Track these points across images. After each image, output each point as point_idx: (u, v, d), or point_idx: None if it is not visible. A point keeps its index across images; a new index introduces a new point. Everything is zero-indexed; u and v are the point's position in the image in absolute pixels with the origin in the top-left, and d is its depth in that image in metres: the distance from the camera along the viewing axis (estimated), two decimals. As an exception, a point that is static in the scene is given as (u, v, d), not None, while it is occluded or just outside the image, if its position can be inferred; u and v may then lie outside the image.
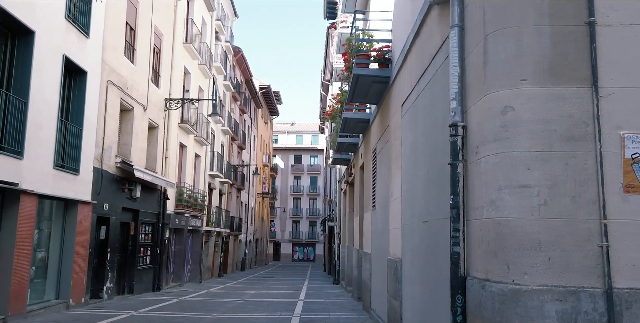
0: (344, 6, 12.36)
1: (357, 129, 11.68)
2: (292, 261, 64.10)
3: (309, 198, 67.12)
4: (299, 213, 66.49)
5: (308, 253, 66.96)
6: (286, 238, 66.50)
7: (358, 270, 13.27)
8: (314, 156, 68.47)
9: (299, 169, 67.43)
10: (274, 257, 63.73)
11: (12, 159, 8.48)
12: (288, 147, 68.37)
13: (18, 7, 8.54)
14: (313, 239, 65.84)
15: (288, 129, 71.78)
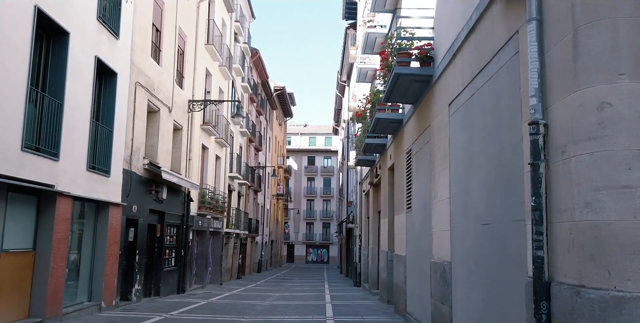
0: (373, 5, 12.18)
1: (388, 129, 11.51)
2: (305, 263, 63.91)
3: (323, 200, 66.93)
4: (312, 215, 66.33)
5: (322, 255, 66.74)
6: (300, 240, 66.36)
7: (388, 272, 13.08)
8: (327, 158, 68.31)
9: (312, 170, 67.29)
10: (287, 259, 63.60)
11: (48, 160, 8.44)
12: (301, 148, 68.25)
13: (54, 8, 8.51)
14: (327, 241, 65.62)
15: (301, 130, 71.68)
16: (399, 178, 11.20)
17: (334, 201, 65.39)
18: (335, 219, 65.51)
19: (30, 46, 7.85)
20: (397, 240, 11.36)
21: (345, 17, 27.09)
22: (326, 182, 67.07)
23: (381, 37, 14.09)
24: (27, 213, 8.39)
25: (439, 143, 7.21)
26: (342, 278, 31.82)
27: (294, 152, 65.40)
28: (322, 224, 66.34)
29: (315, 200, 66.74)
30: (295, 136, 69.67)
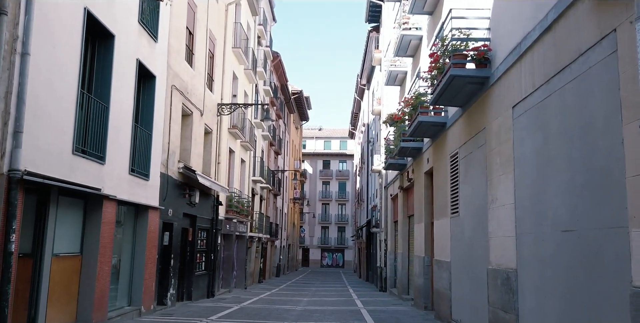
0: (412, 7, 12.03)
1: (428, 133, 11.32)
2: (320, 267, 63.62)
3: (338, 204, 66.68)
4: (327, 219, 66.09)
5: (337, 259, 66.41)
6: (315, 244, 66.13)
7: (425, 278, 12.84)
8: (342, 162, 68.09)
9: (327, 174, 67.10)
10: (302, 263, 63.35)
11: (95, 164, 8.39)
12: (316, 152, 68.10)
13: (101, 11, 8.48)
14: (342, 245, 65.31)
15: (316, 134, 71.52)
16: (440, 182, 11.00)
17: (349, 205, 65.13)
18: (350, 223, 65.27)
19: (80, 48, 7.81)
20: (438, 245, 11.14)
21: (368, 20, 26.95)
22: (341, 186, 66.84)
23: (416, 39, 13.95)
24: (75, 217, 8.34)
25: (499, 146, 7.02)
26: (362, 283, 31.55)
27: (309, 156, 65.27)
28: (337, 228, 66.07)
29: (330, 204, 66.53)
30: (310, 139, 69.53)
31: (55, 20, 7.11)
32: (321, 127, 74.11)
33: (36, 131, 6.62)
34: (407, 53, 14.92)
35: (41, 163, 6.75)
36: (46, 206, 7.32)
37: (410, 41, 14.06)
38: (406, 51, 14.74)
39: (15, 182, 6.11)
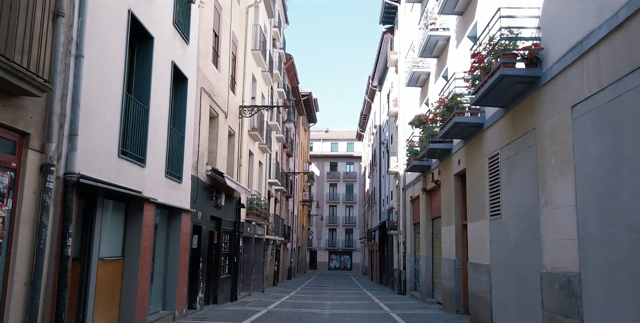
0: (442, 7, 11.93)
1: (462, 134, 11.21)
2: (328, 270, 63.44)
3: (345, 206, 66.51)
4: (335, 221, 65.90)
5: (344, 261, 66.20)
6: (322, 246, 65.93)
7: (456, 281, 12.71)
8: (349, 164, 67.94)
9: (334, 176, 66.93)
10: (310, 265, 63.16)
11: (137, 167, 8.31)
12: (323, 154, 67.95)
13: (142, 13, 8.42)
14: (350, 247, 65.13)
15: (323, 136, 71.39)
16: (476, 184, 10.88)
17: (356, 207, 64.96)
18: (358, 225, 65.06)
19: (125, 50, 7.75)
20: (474, 248, 11.02)
21: (382, 22, 26.87)
22: (348, 188, 66.67)
23: (443, 40, 13.86)
24: (118, 220, 8.26)
25: (554, 147, 6.90)
26: (376, 286, 31.39)
27: (316, 158, 65.14)
28: (345, 230, 65.88)
29: (337, 206, 66.36)
30: (316, 142, 69.43)
31: (103, 22, 7.05)
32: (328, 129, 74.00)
33: (88, 134, 6.54)
34: (433, 54, 14.83)
35: (92, 166, 6.67)
36: (93, 209, 7.24)
37: (437, 42, 13.97)
38: (432, 51, 14.65)
39: (71, 185, 6.03)
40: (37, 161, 5.55)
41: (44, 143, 5.67)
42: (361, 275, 51.91)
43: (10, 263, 5.17)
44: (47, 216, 5.54)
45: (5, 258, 5.13)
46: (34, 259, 5.46)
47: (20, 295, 5.28)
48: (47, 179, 5.57)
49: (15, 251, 5.21)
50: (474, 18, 11.24)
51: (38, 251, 5.46)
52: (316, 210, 63.65)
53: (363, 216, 56.43)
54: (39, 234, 5.49)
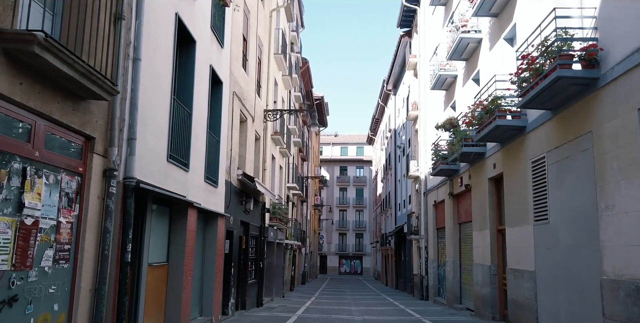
0: (477, 9, 11.80)
1: (500, 137, 11.05)
2: (339, 274, 63.15)
3: (355, 210, 66.25)
4: (345, 226, 65.63)
5: (355, 266, 65.87)
6: (332, 251, 65.66)
7: (491, 287, 12.50)
8: (359, 168, 67.75)
9: (344, 181, 66.72)
10: (320, 270, 62.87)
11: (182, 171, 8.22)
12: (333, 158, 67.78)
13: (187, 17, 8.35)
14: (360, 252, 64.85)
15: (332, 140, 71.20)
16: (516, 188, 10.70)
17: (367, 211, 64.69)
18: (368, 229, 64.74)
19: (173, 53, 7.68)
20: (514, 253, 10.82)
21: (400, 25, 26.78)
22: (359, 192, 66.45)
23: (474, 42, 13.72)
24: (163, 225, 8.15)
25: (617, 150, 6.74)
26: (394, 291, 31.15)
27: (326, 162, 64.98)
28: (355, 234, 65.60)
29: (347, 210, 66.10)
30: (326, 146, 69.30)
31: (154, 25, 6.98)
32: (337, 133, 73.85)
33: (143, 138, 6.45)
34: (462, 56, 14.69)
35: (145, 171, 6.58)
36: (143, 214, 7.14)
37: (467, 44, 13.83)
38: (461, 54, 14.51)
39: (130, 190, 5.93)
40: (100, 165, 5.46)
41: (106, 147, 5.58)
42: (373, 280, 51.61)
43: (77, 270, 5.07)
44: (110, 222, 5.43)
45: (72, 265, 5.03)
46: (99, 265, 5.35)
47: (86, 302, 5.17)
48: (110, 184, 5.48)
49: (82, 257, 5.11)
50: (511, 19, 11.10)
51: (102, 257, 5.35)
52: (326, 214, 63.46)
53: (374, 221, 56.14)
54: (103, 240, 5.39)
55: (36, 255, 4.40)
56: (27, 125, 4.32)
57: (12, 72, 3.96)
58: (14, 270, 4.12)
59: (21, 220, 4.19)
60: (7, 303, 4.03)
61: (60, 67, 4.15)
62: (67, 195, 4.89)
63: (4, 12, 3.85)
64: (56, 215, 4.71)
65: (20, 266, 4.18)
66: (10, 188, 4.06)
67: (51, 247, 4.64)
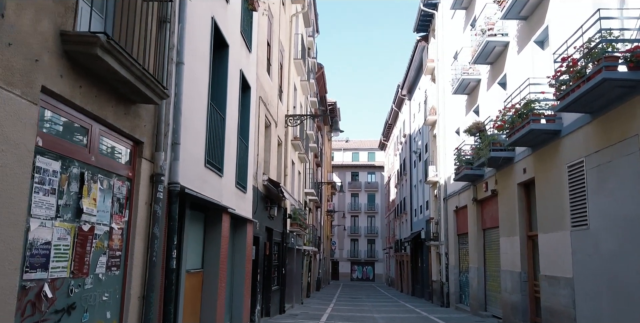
0: (506, 12, 11.67)
1: (532, 142, 10.86)
2: (350, 281, 62.74)
3: (367, 216, 65.91)
4: (357, 231, 65.28)
5: (367, 272, 65.44)
6: (344, 257, 65.31)
7: (522, 294, 12.26)
8: (371, 173, 67.48)
9: (356, 186, 66.44)
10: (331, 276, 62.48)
11: (217, 176, 8.14)
12: (344, 164, 67.59)
13: (221, 20, 8.31)
14: (372, 258, 64.45)
15: (344, 146, 71.18)
16: (549, 194, 10.48)
17: (378, 217, 64.31)
18: (380, 235, 64.32)
19: (209, 57, 7.62)
20: (548, 260, 10.60)
21: (416, 30, 26.69)
22: (370, 198, 66.13)
23: (501, 45, 13.57)
24: (199, 231, 8.06)
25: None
26: (409, 297, 30.82)
27: (337, 168, 64.79)
28: (367, 240, 65.23)
29: (359, 216, 65.76)
30: (337, 151, 69.17)
31: (193, 29, 6.92)
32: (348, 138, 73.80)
33: (185, 143, 6.37)
34: (487, 60, 14.54)
35: (186, 176, 6.49)
36: (182, 220, 7.04)
37: (494, 48, 13.68)
38: (487, 58, 14.36)
39: (174, 195, 5.85)
40: (148, 170, 5.38)
41: (153, 152, 5.50)
42: (386, 286, 51.20)
43: (127, 277, 4.97)
44: (158, 228, 5.34)
45: (123, 271, 4.94)
46: (147, 272, 5.26)
47: (135, 309, 5.07)
48: (157, 190, 5.39)
49: (131, 264, 5.01)
50: (543, 22, 10.95)
51: (150, 264, 5.26)
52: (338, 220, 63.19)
53: (387, 226, 55.78)
54: (151, 246, 5.29)
55: (91, 262, 4.31)
56: (84, 129, 4.24)
57: (73, 76, 3.89)
58: (73, 277, 4.02)
59: (79, 226, 4.11)
60: (66, 312, 3.94)
61: (119, 70, 4.07)
62: (118, 201, 4.81)
63: (65, 13, 3.79)
64: (109, 220, 4.62)
65: (78, 273, 4.09)
66: (70, 193, 3.98)
67: (104, 254, 4.55)
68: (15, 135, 3.21)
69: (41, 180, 3.59)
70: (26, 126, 3.32)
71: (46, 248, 3.66)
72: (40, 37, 3.47)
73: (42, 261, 3.61)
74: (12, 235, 3.18)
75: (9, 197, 3.15)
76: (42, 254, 3.61)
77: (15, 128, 3.21)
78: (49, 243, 3.70)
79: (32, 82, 3.40)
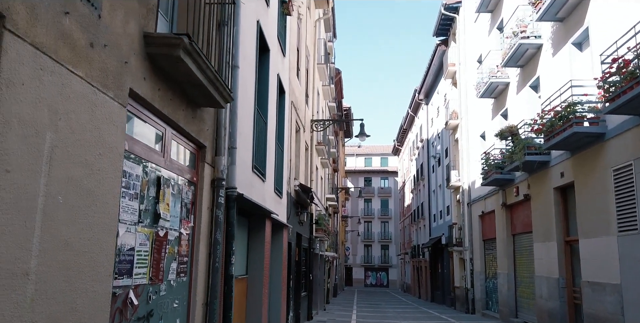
0: (542, 14, 11.51)
1: (573, 145, 10.66)
2: (364, 287, 62.35)
3: (380, 221, 65.52)
4: (370, 237, 64.91)
5: (381, 278, 64.96)
6: (358, 263, 64.93)
7: (560, 301, 12.00)
8: (384, 179, 67.14)
9: (369, 192, 66.09)
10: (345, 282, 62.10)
11: (261, 181, 8.06)
12: (357, 169, 67.40)
13: (264, 25, 8.26)
14: (386, 263, 64.00)
15: (356, 151, 71.01)
16: (592, 198, 10.27)
17: (392, 222, 63.90)
18: (394, 241, 63.85)
19: (255, 61, 7.57)
20: (591, 265, 10.36)
21: (436, 34, 26.58)
22: (383, 203, 65.76)
23: (534, 48, 13.40)
24: (244, 236, 7.97)
25: None
26: (429, 304, 30.48)
27: (350, 173, 64.58)
28: (381, 246, 64.79)
29: (372, 222, 65.39)
30: (350, 157, 69.00)
31: (244, 32, 6.87)
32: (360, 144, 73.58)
33: (238, 147, 6.30)
34: (518, 63, 14.37)
35: (238, 181, 6.41)
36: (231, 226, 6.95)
37: (526, 50, 13.52)
38: (517, 60, 14.20)
39: (232, 200, 5.76)
40: (210, 175, 5.30)
41: (213, 157, 5.43)
42: (401, 292, 50.76)
43: (192, 283, 4.88)
44: (220, 233, 5.25)
45: (189, 278, 4.85)
46: (210, 278, 5.17)
47: (200, 317, 4.98)
48: (218, 194, 5.31)
49: (196, 270, 4.92)
50: (582, 23, 10.79)
51: (213, 270, 5.16)
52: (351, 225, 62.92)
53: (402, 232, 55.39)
54: (213, 252, 5.20)
55: (165, 268, 4.23)
56: (160, 133, 4.18)
57: (154, 78, 3.83)
58: (151, 284, 3.94)
59: (156, 232, 4.03)
60: (145, 319, 3.85)
61: (195, 72, 4.01)
62: (185, 206, 4.73)
63: (147, 15, 3.73)
64: (178, 226, 4.54)
65: (155, 279, 4.00)
66: (149, 198, 3.91)
67: (175, 260, 4.47)
68: (109, 138, 3.14)
69: (127, 184, 3.52)
70: (118, 130, 3.25)
71: (130, 254, 3.58)
72: (128, 39, 3.41)
73: (127, 267, 3.53)
74: (106, 241, 3.10)
75: (104, 202, 3.07)
76: (127, 260, 3.53)
77: (110, 132, 3.15)
78: (133, 249, 3.62)
79: (122, 85, 3.33)
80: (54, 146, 2.57)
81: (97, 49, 3.01)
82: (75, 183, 2.76)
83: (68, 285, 2.69)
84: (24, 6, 2.34)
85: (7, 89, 2.23)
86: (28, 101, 2.37)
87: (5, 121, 2.23)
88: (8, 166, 2.24)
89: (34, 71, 2.41)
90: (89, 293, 2.89)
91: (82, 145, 2.83)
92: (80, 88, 2.81)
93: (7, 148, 2.24)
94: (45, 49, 2.50)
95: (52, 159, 2.56)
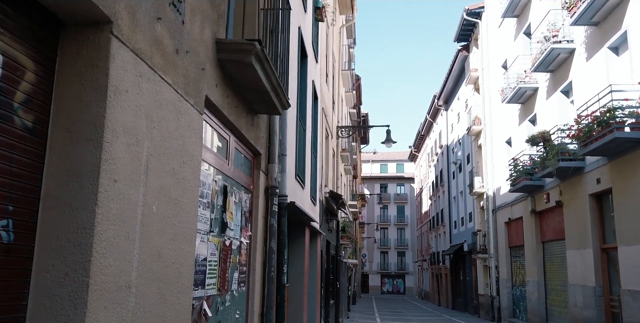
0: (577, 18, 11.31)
1: (611, 151, 10.44)
2: (381, 294, 61.80)
3: (397, 228, 65.03)
4: (386, 244, 64.42)
5: (397, 285, 64.36)
6: (374, 270, 64.42)
7: (597, 310, 11.71)
8: (400, 185, 66.69)
9: (385, 198, 65.69)
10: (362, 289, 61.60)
11: (301, 188, 7.99)
12: (373, 176, 67.12)
13: (303, 32, 8.23)
14: (402, 270, 63.41)
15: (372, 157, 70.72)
16: (631, 204, 10.02)
17: (408, 229, 63.39)
18: (411, 248, 63.30)
19: (297, 67, 7.52)
20: (631, 273, 10.09)
21: (457, 39, 26.42)
22: (399, 210, 65.28)
23: (566, 52, 13.21)
24: (285, 245, 7.89)
25: None
26: (450, 311, 30.07)
27: (366, 179, 64.29)
28: (397, 253, 64.25)
29: (388, 228, 64.92)
30: (366, 163, 68.71)
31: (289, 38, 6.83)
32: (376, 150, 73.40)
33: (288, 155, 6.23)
34: (549, 68, 14.17)
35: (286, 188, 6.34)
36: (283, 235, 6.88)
37: (558, 55, 13.32)
38: (548, 65, 14.00)
39: (283, 208, 5.69)
40: (264, 183, 5.24)
41: (267, 164, 5.36)
42: (419, 299, 50.23)
43: (249, 293, 4.80)
44: (274, 242, 5.18)
45: (247, 287, 4.77)
46: (265, 288, 5.08)
47: (256, 327, 4.89)
48: (272, 202, 5.24)
49: (253, 279, 4.85)
50: (619, 27, 10.60)
51: (268, 280, 5.08)
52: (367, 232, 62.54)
53: (419, 239, 54.92)
54: (268, 261, 5.12)
55: (229, 278, 4.15)
56: (225, 140, 4.12)
57: (223, 85, 3.78)
58: (219, 295, 3.87)
59: (223, 241, 3.96)
60: (214, 330, 3.77)
61: (262, 79, 3.95)
62: (244, 214, 4.67)
63: (218, 21, 3.69)
64: (239, 235, 4.48)
65: (222, 290, 3.93)
66: (217, 206, 3.84)
67: (237, 269, 4.40)
68: (191, 147, 3.09)
69: (201, 193, 3.46)
70: (197, 138, 3.20)
71: (204, 264, 3.51)
72: (204, 45, 3.37)
73: (201, 278, 3.46)
74: (188, 251, 3.04)
75: (187, 211, 3.02)
76: (201, 271, 3.46)
77: (191, 140, 3.09)
78: (206, 259, 3.55)
79: (200, 92, 3.29)
80: (150, 154, 2.52)
81: (181, 55, 2.97)
82: (165, 192, 2.70)
83: (160, 298, 2.62)
84: (127, 11, 2.30)
85: (114, 97, 2.18)
86: (130, 108, 2.33)
87: (113, 129, 2.18)
88: (115, 176, 2.18)
89: (135, 77, 2.37)
90: (175, 305, 2.82)
91: (170, 153, 2.77)
92: (169, 95, 2.77)
93: (115, 157, 2.19)
94: (143, 56, 2.46)
95: (148, 168, 2.51)
